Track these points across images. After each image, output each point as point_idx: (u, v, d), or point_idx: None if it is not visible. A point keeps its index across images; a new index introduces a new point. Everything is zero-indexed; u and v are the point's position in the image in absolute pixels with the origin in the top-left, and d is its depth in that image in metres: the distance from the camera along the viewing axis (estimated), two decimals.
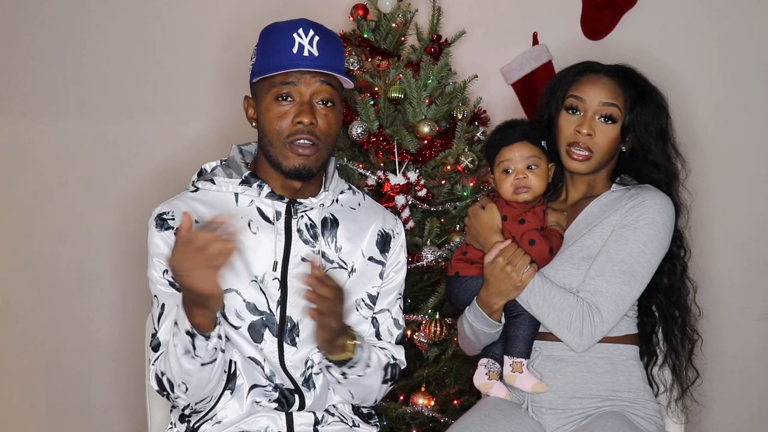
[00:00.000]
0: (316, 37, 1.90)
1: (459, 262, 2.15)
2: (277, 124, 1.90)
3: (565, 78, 2.17)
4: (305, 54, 1.88)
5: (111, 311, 3.01)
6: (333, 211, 2.01)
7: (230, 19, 2.95)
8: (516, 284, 2.02)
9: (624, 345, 2.08)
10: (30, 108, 3.03)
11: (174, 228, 1.91)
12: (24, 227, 3.05)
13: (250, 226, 1.93)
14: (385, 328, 2.06)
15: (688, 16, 2.96)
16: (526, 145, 2.09)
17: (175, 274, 1.70)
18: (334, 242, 1.99)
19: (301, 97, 1.90)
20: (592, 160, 2.10)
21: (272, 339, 1.93)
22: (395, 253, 2.07)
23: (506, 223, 2.08)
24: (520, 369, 2.04)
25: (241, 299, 1.92)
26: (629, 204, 2.07)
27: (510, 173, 2.09)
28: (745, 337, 2.95)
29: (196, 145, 2.97)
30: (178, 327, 1.78)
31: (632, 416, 2.03)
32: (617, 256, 2.02)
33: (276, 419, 1.95)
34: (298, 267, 1.94)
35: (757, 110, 2.96)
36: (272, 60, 1.90)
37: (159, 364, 1.89)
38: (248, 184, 1.95)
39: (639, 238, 2.03)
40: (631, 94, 2.12)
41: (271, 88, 1.90)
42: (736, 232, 2.95)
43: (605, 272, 2.02)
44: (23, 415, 3.08)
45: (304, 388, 1.96)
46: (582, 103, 2.11)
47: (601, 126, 2.10)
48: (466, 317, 2.11)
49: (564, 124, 2.12)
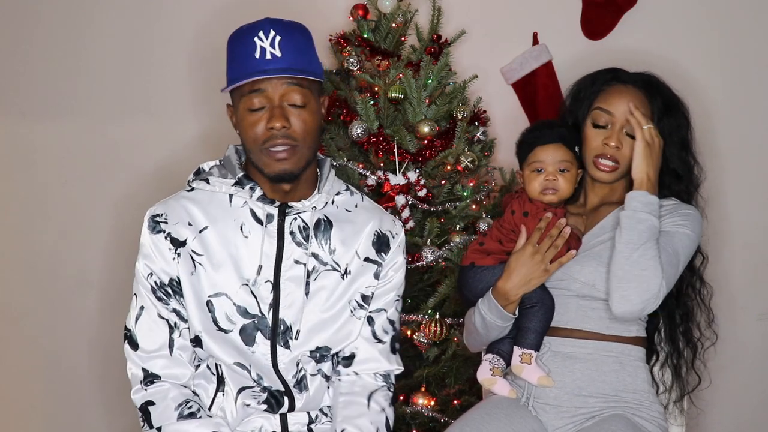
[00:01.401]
0: (277, 38, 1.87)
1: (475, 253, 2.15)
2: (251, 132, 1.88)
3: (592, 86, 2.18)
4: (268, 57, 1.85)
5: (111, 311, 3.00)
6: (327, 212, 1.99)
7: (230, 20, 2.95)
8: (545, 268, 2.04)
9: (632, 346, 2.09)
10: (30, 108, 3.03)
11: (165, 231, 1.91)
12: (24, 227, 3.05)
13: (242, 230, 1.93)
14: (379, 327, 2.06)
15: (688, 16, 2.96)
16: (561, 147, 2.10)
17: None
18: (327, 244, 1.97)
19: (271, 102, 1.87)
20: (618, 170, 2.13)
21: (264, 342, 1.92)
22: (393, 254, 2.06)
23: (527, 219, 2.08)
24: (529, 360, 2.05)
25: (231, 303, 1.91)
26: (661, 211, 2.08)
27: (540, 173, 2.10)
28: (746, 337, 2.95)
29: (196, 144, 2.97)
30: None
31: (636, 418, 2.03)
32: (669, 249, 2.03)
33: (270, 419, 1.96)
34: (290, 270, 1.93)
35: (758, 110, 2.96)
36: (238, 69, 1.88)
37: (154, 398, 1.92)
38: (241, 185, 1.94)
39: (682, 239, 2.06)
40: (658, 105, 2.15)
41: (241, 97, 1.89)
42: (737, 232, 2.95)
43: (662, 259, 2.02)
44: (23, 415, 3.08)
45: (296, 390, 1.96)
46: (610, 117, 2.13)
47: (628, 139, 2.11)
48: (479, 309, 2.11)
49: (591, 135, 2.14)
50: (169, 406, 1.90)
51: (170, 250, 1.91)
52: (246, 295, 1.92)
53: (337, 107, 2.62)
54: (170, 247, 1.91)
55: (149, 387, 1.92)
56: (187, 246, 1.91)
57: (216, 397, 1.95)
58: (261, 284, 1.92)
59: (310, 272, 1.94)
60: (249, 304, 1.92)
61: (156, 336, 1.93)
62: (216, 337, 1.92)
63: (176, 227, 1.92)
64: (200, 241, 1.91)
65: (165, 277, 1.92)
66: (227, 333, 1.91)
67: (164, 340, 1.93)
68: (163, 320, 1.93)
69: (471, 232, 2.59)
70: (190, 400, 1.93)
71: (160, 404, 1.90)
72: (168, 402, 1.90)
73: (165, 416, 1.90)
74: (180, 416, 1.90)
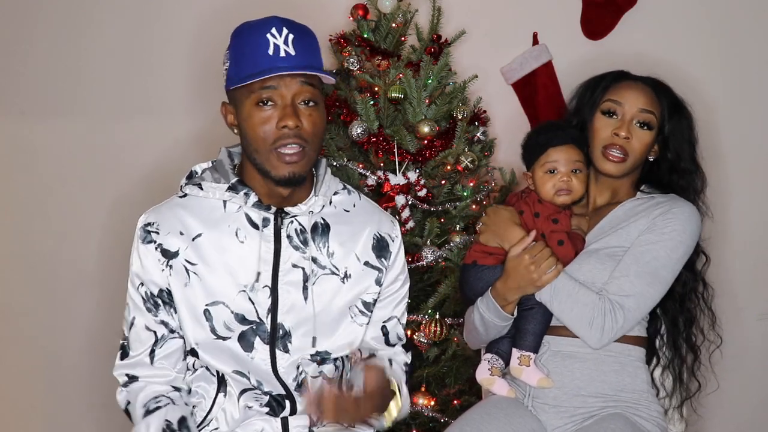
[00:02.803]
0: (290, 35, 1.82)
1: (478, 252, 2.15)
2: (260, 131, 1.82)
3: (600, 84, 2.20)
4: (282, 55, 1.81)
5: (111, 311, 3.00)
6: (325, 214, 1.95)
7: (230, 20, 2.95)
8: (536, 284, 2.04)
9: (633, 346, 2.09)
10: (30, 108, 3.03)
11: (156, 242, 1.89)
12: (24, 227, 3.05)
13: (237, 235, 1.89)
14: (394, 335, 2.05)
15: (688, 16, 2.96)
16: (573, 148, 2.11)
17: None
18: (326, 247, 1.94)
19: (283, 100, 1.82)
20: (626, 162, 2.13)
21: (264, 347, 1.90)
22: (395, 260, 2.02)
23: (538, 220, 2.09)
24: (528, 363, 2.05)
25: (228, 311, 1.89)
26: (657, 211, 2.10)
27: (554, 174, 2.10)
28: (746, 337, 2.95)
29: (196, 144, 2.97)
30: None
31: (635, 417, 2.03)
32: (643, 258, 2.04)
33: (271, 422, 1.94)
34: (288, 274, 1.91)
35: (758, 110, 2.96)
36: (248, 65, 1.82)
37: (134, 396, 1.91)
38: (235, 191, 1.89)
39: (667, 243, 2.05)
40: (666, 105, 2.17)
41: (250, 93, 1.83)
42: (737, 233, 2.95)
43: (630, 273, 2.03)
44: (23, 415, 3.08)
45: (297, 393, 1.94)
46: (620, 107, 2.13)
47: (638, 131, 2.12)
48: (478, 307, 2.12)
49: (600, 126, 2.14)
50: (138, 404, 1.88)
51: (160, 261, 1.88)
52: (243, 301, 1.89)
53: (337, 107, 2.62)
54: (160, 259, 1.88)
55: (127, 387, 1.92)
56: (179, 257, 1.88)
57: (217, 397, 1.94)
58: (259, 289, 1.89)
59: (309, 276, 1.92)
60: (247, 310, 1.89)
61: (142, 347, 1.92)
62: (213, 348, 1.90)
63: (167, 238, 1.89)
64: (194, 250, 1.88)
65: (154, 288, 1.90)
66: (225, 341, 1.90)
67: (148, 350, 1.91)
68: (150, 332, 1.91)
69: (471, 232, 2.59)
70: (160, 396, 1.89)
71: (133, 404, 1.89)
72: (138, 401, 1.88)
73: (136, 415, 1.88)
74: (146, 412, 1.87)
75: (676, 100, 2.20)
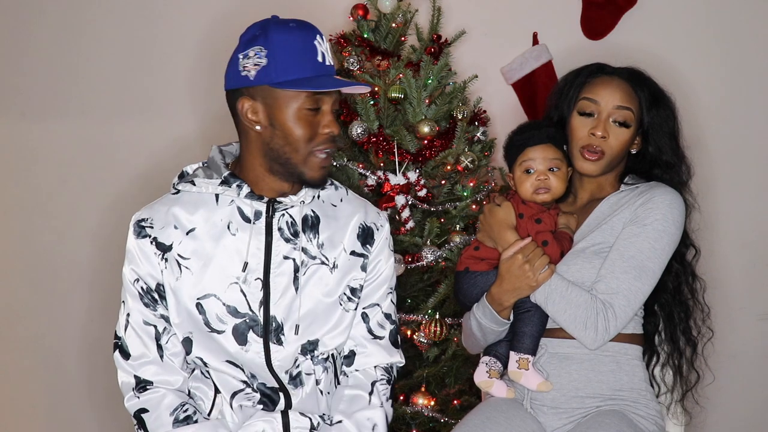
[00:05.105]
0: (326, 44, 1.90)
1: (469, 258, 2.15)
2: (307, 131, 1.87)
3: (577, 79, 2.17)
4: (328, 63, 1.88)
5: (111, 311, 2.99)
6: (314, 207, 1.99)
7: (230, 20, 2.95)
8: (531, 284, 2.03)
9: (629, 344, 2.08)
10: (30, 108, 3.03)
11: (151, 236, 1.91)
12: (24, 227, 3.05)
13: (229, 228, 1.92)
14: (375, 323, 2.05)
15: (688, 15, 2.96)
16: (550, 147, 2.10)
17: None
18: (316, 238, 1.97)
19: (327, 107, 1.90)
20: (602, 161, 2.11)
21: (257, 340, 1.92)
22: (379, 246, 2.04)
23: (522, 221, 2.08)
24: (526, 366, 2.04)
25: (220, 303, 1.90)
26: (639, 201, 2.08)
27: (531, 174, 2.09)
28: (746, 337, 2.95)
29: (196, 144, 2.97)
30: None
31: (633, 415, 2.03)
32: (627, 253, 2.03)
33: (273, 422, 1.94)
34: (280, 266, 1.93)
35: (758, 109, 2.97)
36: (298, 69, 1.84)
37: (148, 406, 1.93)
38: (228, 184, 1.92)
39: (649, 234, 2.04)
40: (645, 97, 2.14)
41: (301, 96, 1.86)
42: (737, 232, 2.95)
43: (616, 269, 2.02)
44: (23, 415, 3.08)
45: (290, 386, 1.95)
46: (596, 106, 2.12)
47: (615, 129, 2.11)
48: (474, 314, 2.11)
49: (577, 125, 2.13)
50: (163, 413, 1.90)
51: (156, 254, 1.90)
52: (235, 293, 1.91)
53: (337, 107, 2.62)
54: (156, 252, 1.90)
55: (142, 394, 1.92)
56: (173, 251, 1.90)
57: (216, 399, 1.95)
58: (251, 282, 1.91)
59: (299, 266, 1.94)
60: (238, 302, 1.91)
61: (145, 343, 1.92)
62: (207, 339, 1.91)
63: (162, 232, 1.91)
64: (187, 244, 1.90)
65: (152, 281, 1.92)
66: (220, 333, 1.91)
67: (154, 346, 1.93)
68: (150, 326, 1.92)
69: (471, 232, 2.59)
70: (186, 404, 1.92)
71: (154, 411, 1.90)
72: (162, 409, 1.90)
73: (159, 423, 1.89)
74: (175, 421, 1.90)
75: (656, 90, 2.16)
